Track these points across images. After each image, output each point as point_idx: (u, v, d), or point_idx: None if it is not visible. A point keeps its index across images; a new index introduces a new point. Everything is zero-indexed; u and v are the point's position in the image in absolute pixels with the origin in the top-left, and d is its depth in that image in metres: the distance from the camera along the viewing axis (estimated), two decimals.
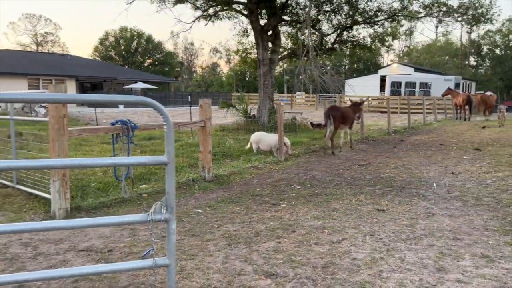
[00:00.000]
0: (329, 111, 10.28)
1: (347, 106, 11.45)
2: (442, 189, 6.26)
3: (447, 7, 13.87)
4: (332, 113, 10.10)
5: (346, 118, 10.40)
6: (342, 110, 10.58)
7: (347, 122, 10.54)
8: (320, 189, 6.44)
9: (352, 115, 10.81)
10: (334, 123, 10.00)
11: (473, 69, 73.67)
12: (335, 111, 10.35)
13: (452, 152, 10.27)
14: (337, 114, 10.14)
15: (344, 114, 10.32)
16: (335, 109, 10.53)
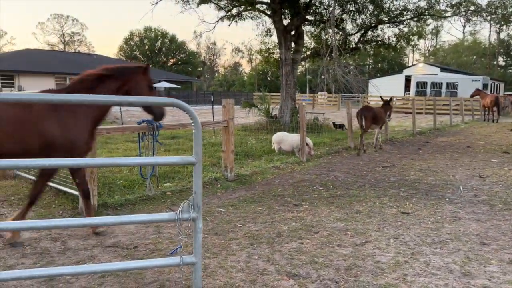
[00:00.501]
0: (361, 111, 10.54)
1: (378, 106, 11.66)
2: (469, 193, 6.12)
3: (476, 6, 13.49)
4: (365, 113, 10.33)
5: (378, 118, 10.64)
6: (374, 110, 10.77)
7: (378, 122, 10.77)
8: (343, 190, 6.40)
9: (384, 115, 11.03)
10: (366, 122, 10.22)
11: (502, 70, 71.38)
12: (368, 111, 10.55)
13: (480, 154, 10.00)
14: (369, 114, 10.36)
15: (376, 114, 10.54)
16: (368, 109, 10.74)
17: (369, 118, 10.31)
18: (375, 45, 15.52)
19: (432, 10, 14.16)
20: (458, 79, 32.87)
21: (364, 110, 10.69)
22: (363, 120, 10.26)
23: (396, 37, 15.22)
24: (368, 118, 10.29)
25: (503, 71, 70.77)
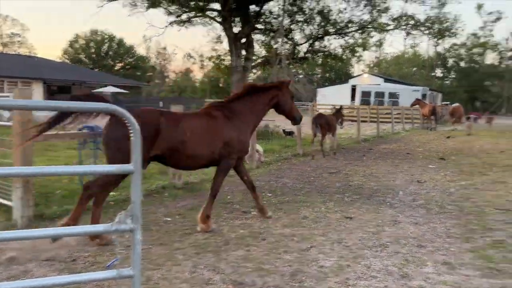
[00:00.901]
0: (315, 119, 11.10)
1: (331, 114, 12.36)
2: (408, 197, 6.45)
3: (415, 20, 14.43)
4: (319, 121, 10.92)
5: (331, 125, 11.27)
6: (327, 118, 11.36)
7: (331, 129, 11.40)
8: (291, 196, 6.49)
9: (335, 122, 11.72)
10: (321, 130, 10.85)
11: (439, 81, 76.51)
12: (321, 118, 11.13)
13: (418, 161, 10.60)
14: (323, 122, 10.95)
15: (329, 122, 11.15)
16: (321, 117, 11.30)
17: (323, 125, 10.88)
18: (323, 55, 16.04)
19: (375, 23, 14.91)
20: (400, 89, 34.77)
21: (318, 118, 11.18)
22: (317, 127, 10.79)
23: (342, 48, 15.86)
24: (322, 125, 10.86)
25: (441, 82, 75.87)
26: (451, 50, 75.88)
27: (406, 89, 35.50)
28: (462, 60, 74.98)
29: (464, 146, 14.15)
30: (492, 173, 8.63)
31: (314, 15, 15.60)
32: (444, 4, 13.51)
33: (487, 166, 9.56)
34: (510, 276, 3.40)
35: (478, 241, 4.33)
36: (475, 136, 18.22)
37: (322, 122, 10.96)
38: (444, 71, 78.67)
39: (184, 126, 4.46)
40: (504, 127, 25.64)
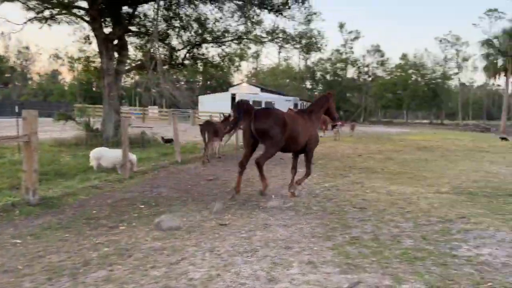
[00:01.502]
0: (204, 126, 11.55)
1: (219, 122, 12.96)
2: (280, 200, 6.72)
3: (286, 34, 15.44)
4: (207, 128, 11.36)
5: (218, 131, 11.61)
6: (216, 125, 11.82)
7: (218, 135, 11.75)
8: (165, 207, 6.21)
9: (223, 129, 11.80)
10: (209, 135, 11.26)
11: (309, 92, 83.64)
12: (210, 125, 11.58)
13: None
14: (211, 129, 11.38)
15: (217, 129, 11.54)
16: (210, 124, 11.77)
17: (211, 132, 11.29)
18: (201, 63, 16.05)
19: (250, 34, 15.51)
20: (275, 98, 36.96)
21: (206, 125, 11.62)
22: (206, 134, 11.20)
23: (220, 56, 16.08)
24: (211, 132, 11.28)
25: (310, 93, 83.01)
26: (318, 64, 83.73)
27: (281, 98, 37.92)
28: (328, 74, 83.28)
29: (329, 151, 15.55)
30: (351, 175, 9.60)
31: (191, 22, 15.53)
32: (310, 21, 14.75)
33: (347, 168, 10.62)
34: (365, 270, 3.72)
35: (338, 238, 4.68)
36: (338, 142, 20.25)
37: (210, 130, 11.35)
38: (313, 83, 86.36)
39: (298, 123, 6.82)
40: (361, 134, 29.14)
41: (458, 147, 18.96)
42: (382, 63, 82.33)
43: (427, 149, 17.09)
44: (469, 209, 6.14)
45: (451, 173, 9.98)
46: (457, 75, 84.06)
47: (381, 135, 29.02)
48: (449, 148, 17.87)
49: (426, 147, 18.44)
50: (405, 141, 21.90)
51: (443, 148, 17.73)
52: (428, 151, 16.36)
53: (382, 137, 25.65)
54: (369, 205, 6.45)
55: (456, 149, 17.73)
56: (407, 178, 9.15)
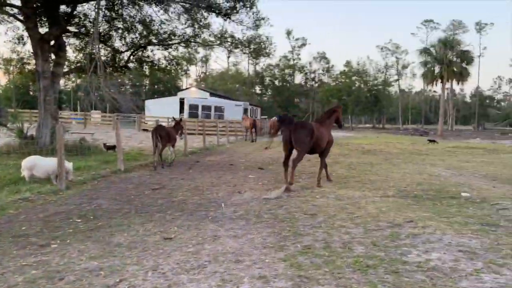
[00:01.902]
0: (156, 130, 11.30)
1: (171, 126, 12.80)
2: (229, 209, 6.47)
3: (234, 39, 15.26)
4: (159, 133, 11.14)
5: (171, 137, 11.66)
6: (168, 130, 11.73)
7: (171, 141, 11.79)
8: (105, 220, 5.73)
9: (175, 133, 12.15)
10: (162, 141, 11.07)
11: (258, 97, 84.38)
12: (162, 130, 11.39)
13: (240, 171, 11.03)
14: (164, 134, 11.23)
15: (169, 133, 11.51)
16: (162, 129, 11.57)
17: (164, 137, 11.13)
18: (147, 66, 15.41)
19: (198, 38, 15.16)
20: (225, 103, 36.66)
21: (158, 129, 11.37)
22: (157, 139, 10.98)
23: (166, 60, 15.55)
24: (163, 137, 11.10)
25: (260, 98, 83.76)
26: (267, 69, 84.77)
27: (230, 103, 37.68)
28: (276, 79, 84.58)
29: (279, 156, 15.51)
30: (301, 180, 9.57)
31: (136, 24, 14.89)
32: (259, 26, 14.70)
33: (297, 173, 10.56)
34: (318, 282, 3.56)
35: (290, 248, 4.51)
36: None
37: (162, 134, 11.15)
38: (262, 88, 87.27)
39: (320, 131, 8.53)
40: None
41: (400, 150, 19.77)
42: (328, 70, 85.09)
43: (371, 153, 17.64)
44: (415, 213, 6.25)
45: (395, 176, 10.27)
46: (397, 82, 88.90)
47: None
48: (391, 152, 18.58)
49: (370, 150, 19.05)
50: (351, 145, 22.52)
51: (386, 152, 18.40)
52: (372, 154, 16.88)
53: None
54: (320, 210, 6.37)
55: (398, 152, 18.47)
56: (355, 182, 9.26)
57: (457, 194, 7.88)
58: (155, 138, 11.05)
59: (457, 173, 11.11)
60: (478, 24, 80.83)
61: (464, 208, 6.67)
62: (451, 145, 24.56)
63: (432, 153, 17.98)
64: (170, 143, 11.79)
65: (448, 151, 19.41)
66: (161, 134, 11.10)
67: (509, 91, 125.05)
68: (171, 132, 11.79)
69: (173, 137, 11.92)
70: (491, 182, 9.69)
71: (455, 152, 18.91)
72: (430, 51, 44.62)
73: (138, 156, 13.54)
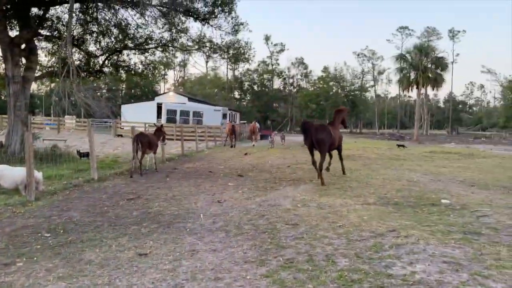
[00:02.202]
0: (137, 137, 11.22)
1: (151, 133, 12.83)
2: (208, 220, 6.24)
3: (212, 43, 15.04)
4: (141, 139, 11.10)
5: (153, 143, 11.65)
6: (149, 136, 11.74)
7: (153, 147, 11.77)
8: (76, 235, 5.41)
9: (157, 140, 12.20)
10: (142, 148, 11.00)
11: (237, 102, 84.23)
12: (143, 137, 11.38)
13: (220, 179, 10.80)
14: (145, 140, 11.19)
15: (150, 140, 11.50)
16: (143, 135, 11.54)
17: (145, 143, 11.08)
18: (122, 70, 15.00)
19: (176, 42, 14.88)
20: (203, 108, 36.32)
21: (140, 136, 11.33)
22: (138, 146, 10.93)
23: (142, 64, 15.17)
24: (144, 143, 11.05)
25: (239, 103, 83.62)
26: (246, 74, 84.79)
27: (209, 108, 37.36)
28: (255, 84, 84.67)
29: (259, 162, 15.39)
30: (281, 187, 9.41)
31: (111, 27, 14.50)
32: (237, 31, 14.54)
33: (278, 180, 10.45)
34: None
35: (272, 262, 4.32)
36: (266, 152, 20.26)
37: (144, 141, 11.11)
38: (241, 93, 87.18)
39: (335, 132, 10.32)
40: (290, 143, 29.67)
41: (378, 155, 19.93)
42: (306, 75, 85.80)
43: (350, 158, 17.68)
44: (397, 221, 6.18)
45: (375, 182, 10.25)
46: (373, 87, 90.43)
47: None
48: (370, 157, 18.69)
49: (349, 156, 19.11)
50: None
51: (365, 157, 18.50)
52: (351, 160, 16.91)
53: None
54: (301, 220, 6.22)
55: (377, 157, 18.60)
56: (335, 189, 9.18)
57: (437, 201, 7.89)
58: (136, 144, 10.98)
59: (435, 179, 11.20)
60: (451, 31, 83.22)
61: (445, 216, 6.65)
62: (428, 150, 24.98)
63: (409, 158, 18.19)
64: (151, 149, 11.71)
65: (425, 156, 19.69)
66: (142, 141, 11.05)
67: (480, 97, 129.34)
68: (152, 138, 11.77)
69: (155, 143, 11.90)
70: (470, 188, 9.79)
71: (432, 157, 19.19)
72: (406, 58, 45.54)
73: (113, 164, 13.12)
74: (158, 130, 12.69)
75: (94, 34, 14.60)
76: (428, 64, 44.15)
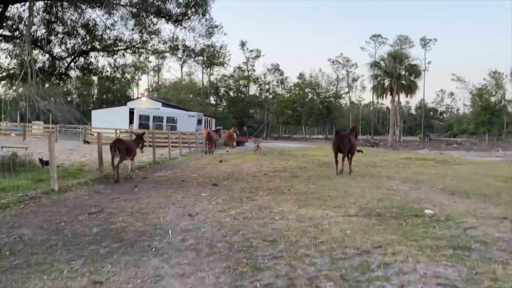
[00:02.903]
0: (115, 143, 11.12)
1: (131, 139, 12.94)
2: (178, 237, 5.64)
3: (185, 46, 14.39)
4: (118, 146, 11.01)
5: (130, 149, 11.59)
6: (127, 143, 11.69)
7: (131, 154, 11.76)
8: (24, 257, 4.71)
9: (135, 146, 12.14)
10: (120, 154, 10.99)
11: (213, 108, 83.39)
12: (120, 143, 11.25)
13: (192, 189, 10.17)
14: (122, 147, 11.11)
15: (128, 146, 11.44)
16: (120, 142, 11.44)
17: (122, 150, 11.01)
18: (89, 73, 14.14)
19: (147, 45, 14.18)
20: (177, 114, 35.46)
21: (117, 142, 11.23)
22: (116, 153, 10.88)
23: (111, 67, 14.38)
24: (122, 150, 10.98)
25: (214, 109, 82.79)
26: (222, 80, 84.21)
27: (184, 114, 36.54)
28: (231, 90, 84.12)
29: (234, 170, 14.82)
30: (258, 197, 8.89)
31: (78, 28, 13.68)
32: (212, 34, 14.00)
33: (254, 190, 9.92)
34: None
35: None
36: (242, 159, 19.72)
37: (122, 148, 11.06)
38: (217, 99, 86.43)
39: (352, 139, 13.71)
40: (266, 150, 29.24)
41: (355, 162, 19.71)
42: (282, 82, 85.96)
43: (327, 165, 17.37)
44: (382, 235, 5.76)
45: (355, 191, 9.88)
46: (348, 94, 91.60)
47: (283, 151, 29.40)
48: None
49: (326, 162, 18.83)
50: (307, 157, 22.30)
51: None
52: (329, 167, 16.59)
53: (285, 153, 25.92)
54: (280, 235, 5.71)
55: (354, 164, 18.36)
56: (315, 199, 8.73)
57: (420, 211, 7.55)
58: (113, 151, 10.96)
59: (414, 187, 10.94)
60: (423, 40, 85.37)
61: (430, 228, 6.29)
62: (403, 156, 25.06)
63: (386, 165, 18.04)
64: (129, 156, 11.73)
65: (401, 163, 19.62)
66: (120, 147, 11.01)
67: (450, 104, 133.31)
68: (131, 145, 11.79)
69: (133, 150, 11.93)
70: (450, 196, 9.56)
71: (408, 164, 19.14)
72: (381, 65, 46.12)
73: (77, 173, 12.26)
74: (139, 138, 12.70)
75: (59, 35, 13.74)
76: (402, 71, 44.84)
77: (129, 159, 11.87)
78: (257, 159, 19.98)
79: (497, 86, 75.83)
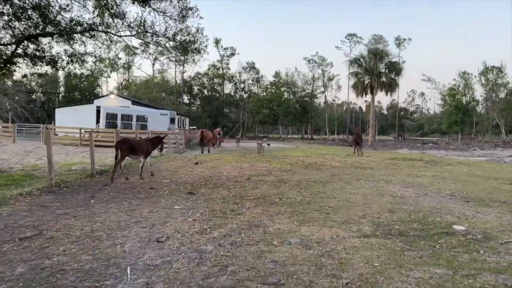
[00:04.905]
0: (117, 143, 11.44)
1: (144, 139, 13.25)
2: (139, 279, 3.91)
3: (153, 30, 12.46)
4: (120, 145, 11.17)
5: (136, 149, 11.52)
6: (132, 142, 11.74)
7: (137, 152, 11.63)
8: None
9: (147, 146, 12.01)
10: (122, 153, 11.07)
11: (187, 107, 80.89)
12: (123, 143, 11.30)
13: (163, 199, 8.37)
14: (125, 146, 11.16)
15: (133, 146, 11.45)
16: (123, 141, 11.46)
17: (124, 149, 11.09)
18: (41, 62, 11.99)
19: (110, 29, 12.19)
20: (148, 112, 33.24)
21: (120, 141, 11.44)
22: (119, 151, 11.01)
23: (67, 56, 12.29)
24: (123, 149, 11.07)
25: (188, 108, 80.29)
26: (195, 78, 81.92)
27: (155, 112, 34.38)
28: (205, 89, 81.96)
29: (213, 173, 13.09)
30: (245, 210, 7.22)
31: (28, 9, 11.58)
32: (185, 17, 12.21)
33: (238, 200, 8.24)
34: None
35: None
36: (219, 160, 17.99)
37: (124, 147, 11.09)
38: (191, 98, 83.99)
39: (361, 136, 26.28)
40: (244, 150, 27.57)
41: (340, 163, 18.37)
42: (258, 80, 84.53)
43: (314, 167, 15.92)
44: (423, 268, 4.23)
45: (357, 200, 8.39)
46: (323, 93, 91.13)
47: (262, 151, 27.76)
48: (334, 165, 17.06)
49: (311, 164, 17.38)
50: (289, 158, 20.77)
51: (329, 165, 16.83)
52: (316, 169, 15.14)
53: (265, 154, 24.32)
54: (286, 273, 4.09)
55: (341, 165, 17.00)
56: (314, 211, 7.16)
57: (447, 227, 6.11)
58: (116, 150, 11.09)
59: (420, 193, 9.57)
60: (398, 39, 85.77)
61: (474, 253, 4.84)
62: (387, 156, 23.96)
63: (375, 167, 16.75)
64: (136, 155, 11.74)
65: (390, 164, 18.40)
66: (122, 147, 11.07)
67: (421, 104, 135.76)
68: (138, 144, 11.75)
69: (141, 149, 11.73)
70: (467, 204, 8.21)
71: (397, 165, 17.93)
72: (361, 62, 45.24)
73: (25, 180, 10.21)
74: (159, 138, 12.92)
75: (4, 16, 11.59)
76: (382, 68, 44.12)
77: (139, 158, 11.89)
78: (236, 160, 18.27)
79: (466, 86, 77.07)
